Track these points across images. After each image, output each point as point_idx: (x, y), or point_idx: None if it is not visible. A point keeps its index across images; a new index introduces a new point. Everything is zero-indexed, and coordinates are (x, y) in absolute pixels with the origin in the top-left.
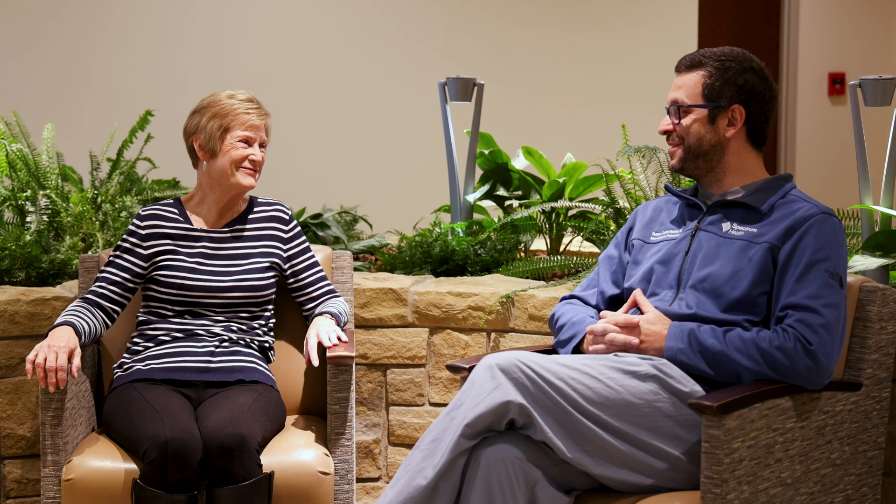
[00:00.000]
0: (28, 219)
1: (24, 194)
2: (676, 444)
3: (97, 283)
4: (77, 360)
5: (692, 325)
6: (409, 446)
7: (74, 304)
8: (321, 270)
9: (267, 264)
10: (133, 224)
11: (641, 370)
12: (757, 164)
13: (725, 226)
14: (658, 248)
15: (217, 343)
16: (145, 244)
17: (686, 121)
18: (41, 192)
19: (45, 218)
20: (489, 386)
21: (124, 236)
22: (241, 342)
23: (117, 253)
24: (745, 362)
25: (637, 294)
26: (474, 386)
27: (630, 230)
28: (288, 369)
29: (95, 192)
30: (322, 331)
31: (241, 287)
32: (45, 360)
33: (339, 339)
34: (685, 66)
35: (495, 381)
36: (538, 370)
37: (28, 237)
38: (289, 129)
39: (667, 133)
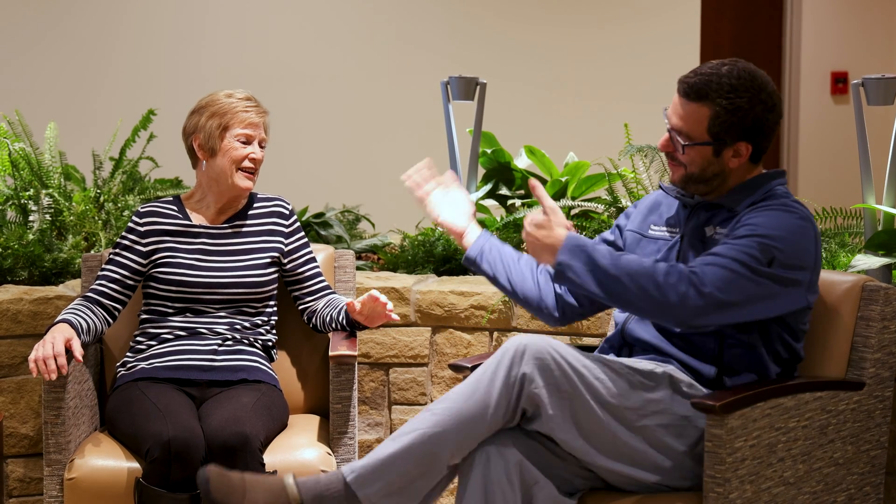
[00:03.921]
0: (31, 218)
1: (27, 193)
2: (683, 444)
3: (97, 282)
4: (77, 346)
5: (587, 242)
6: None
7: (75, 302)
8: (318, 266)
9: (268, 260)
10: (132, 221)
11: (658, 371)
12: (754, 171)
13: (709, 229)
14: (658, 248)
15: (220, 342)
16: (144, 241)
17: (690, 153)
18: (44, 192)
19: (47, 217)
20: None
21: (123, 234)
22: (245, 341)
23: (116, 251)
24: (633, 288)
25: (537, 187)
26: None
27: (627, 218)
28: (290, 368)
29: (98, 191)
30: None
31: (241, 283)
32: (42, 353)
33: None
34: (691, 95)
35: (521, 359)
36: (565, 355)
37: (31, 236)
38: (291, 129)
39: (667, 152)
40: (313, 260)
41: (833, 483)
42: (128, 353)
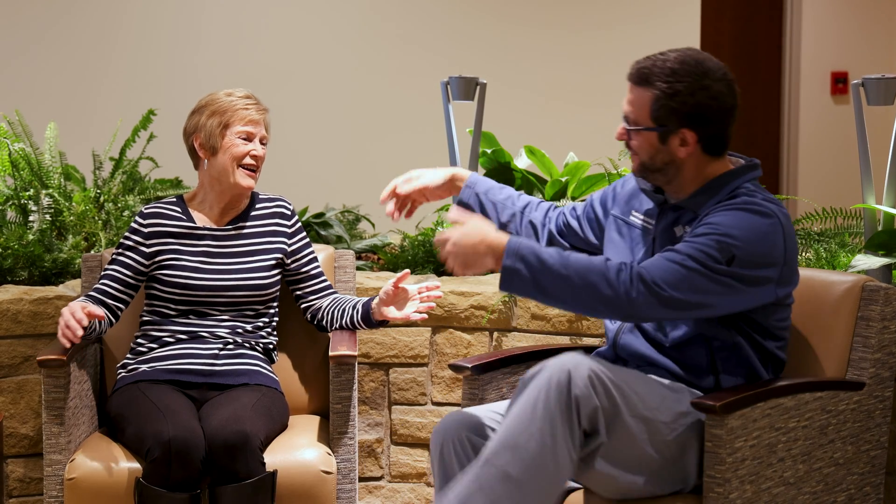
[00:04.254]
0: (31, 218)
1: (27, 193)
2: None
3: (101, 282)
4: (94, 307)
5: (531, 243)
6: (412, 445)
7: (78, 300)
8: (320, 264)
9: (273, 262)
10: (135, 222)
11: (676, 384)
12: (719, 167)
13: (678, 230)
14: (640, 236)
15: (221, 346)
16: (148, 242)
17: (637, 139)
18: (44, 192)
19: (47, 217)
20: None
21: (126, 234)
22: (246, 345)
23: (119, 251)
24: (583, 287)
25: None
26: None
27: (614, 197)
28: (290, 369)
29: (98, 191)
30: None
31: (246, 286)
32: (65, 323)
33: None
34: (636, 80)
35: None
36: (605, 370)
37: (31, 236)
38: (292, 129)
39: (625, 141)
40: (315, 259)
41: (833, 483)
42: (128, 355)
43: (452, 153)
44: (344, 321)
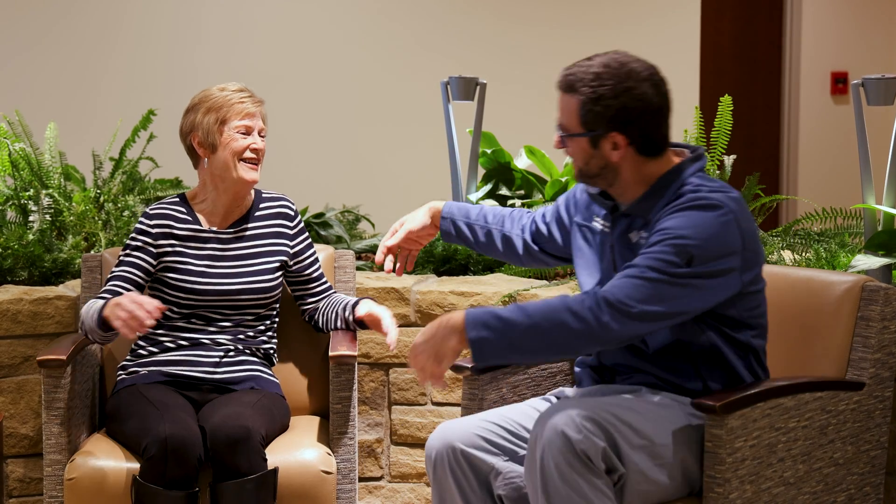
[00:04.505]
0: (31, 218)
1: (27, 194)
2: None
3: (112, 283)
4: (157, 302)
5: (486, 308)
6: (412, 445)
7: (92, 301)
8: (321, 266)
9: (277, 264)
10: (141, 223)
11: (666, 400)
12: (660, 166)
13: (633, 235)
14: (602, 241)
15: (222, 353)
16: (156, 243)
17: (571, 146)
18: (44, 192)
19: (47, 217)
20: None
21: (134, 235)
22: (247, 351)
23: (128, 252)
24: (553, 329)
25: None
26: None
27: (575, 203)
28: (290, 369)
29: (98, 191)
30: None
31: (250, 289)
32: (130, 314)
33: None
34: (562, 86)
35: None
36: (586, 414)
37: (30, 236)
38: (292, 129)
39: (560, 148)
40: (317, 261)
41: (833, 483)
42: (128, 357)
43: (452, 153)
44: (338, 323)
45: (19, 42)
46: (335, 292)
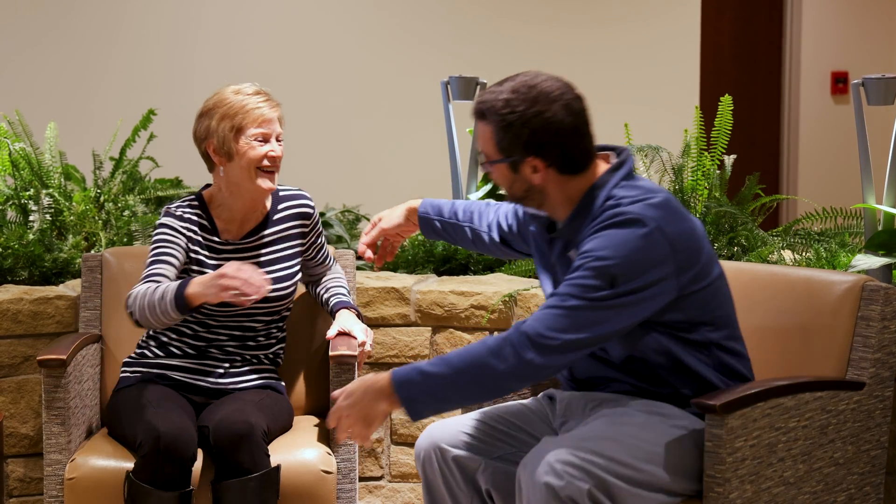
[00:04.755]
0: (31, 218)
1: (27, 193)
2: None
3: (155, 270)
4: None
5: (407, 366)
6: (412, 445)
7: (146, 286)
8: (325, 246)
9: (296, 268)
10: (171, 223)
11: (652, 418)
12: (584, 181)
13: (572, 254)
14: (547, 264)
15: (228, 364)
16: (187, 244)
17: (494, 172)
18: (44, 191)
19: (47, 217)
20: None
21: (163, 231)
22: (254, 360)
23: (162, 244)
24: (480, 374)
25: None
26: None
27: (533, 220)
28: (291, 369)
29: (98, 191)
30: (359, 330)
31: (268, 299)
32: (244, 281)
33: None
34: (476, 115)
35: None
36: (572, 451)
37: (31, 236)
38: (291, 128)
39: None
40: (324, 246)
41: (833, 483)
42: (134, 353)
43: (452, 153)
44: (327, 308)
45: (19, 42)
46: (335, 276)
